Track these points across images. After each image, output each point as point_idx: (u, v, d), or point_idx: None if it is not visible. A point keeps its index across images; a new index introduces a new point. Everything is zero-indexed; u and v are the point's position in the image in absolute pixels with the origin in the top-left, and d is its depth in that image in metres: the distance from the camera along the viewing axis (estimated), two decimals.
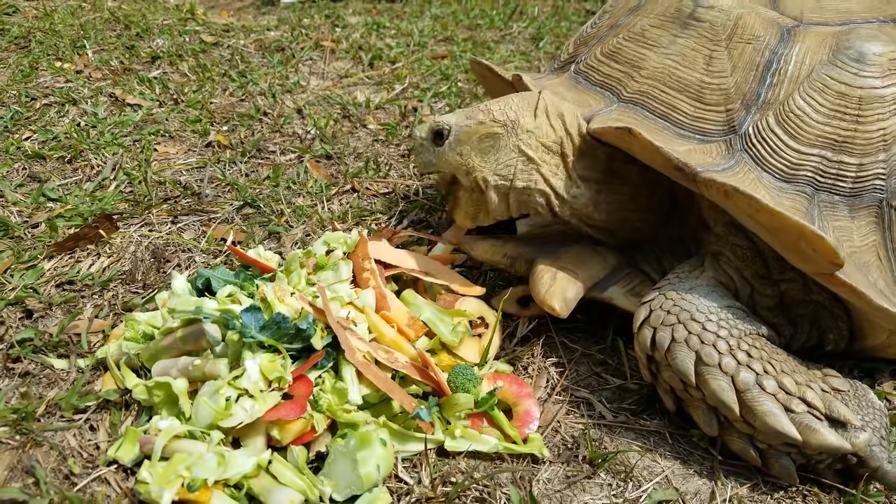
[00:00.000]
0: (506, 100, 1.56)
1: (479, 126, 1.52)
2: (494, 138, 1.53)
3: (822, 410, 1.25)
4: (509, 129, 1.53)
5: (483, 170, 1.55)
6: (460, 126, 1.53)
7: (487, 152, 1.54)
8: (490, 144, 1.53)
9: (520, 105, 1.55)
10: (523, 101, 1.56)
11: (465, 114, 1.55)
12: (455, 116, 1.56)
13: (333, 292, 1.52)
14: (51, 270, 1.79)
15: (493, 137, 1.53)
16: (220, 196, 2.18)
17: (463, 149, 1.54)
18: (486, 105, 1.56)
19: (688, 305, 1.34)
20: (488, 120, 1.52)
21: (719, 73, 1.49)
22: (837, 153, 1.40)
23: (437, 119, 1.56)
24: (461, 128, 1.53)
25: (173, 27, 3.67)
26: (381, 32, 4.01)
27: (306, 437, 1.27)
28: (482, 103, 1.59)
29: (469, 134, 1.52)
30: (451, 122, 1.54)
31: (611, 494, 1.28)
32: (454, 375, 1.40)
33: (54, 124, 2.56)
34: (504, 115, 1.53)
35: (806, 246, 1.26)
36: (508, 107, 1.54)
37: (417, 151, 1.62)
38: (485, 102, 1.59)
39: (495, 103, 1.55)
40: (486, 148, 1.53)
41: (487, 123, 1.52)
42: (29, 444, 1.28)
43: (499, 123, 1.52)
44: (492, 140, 1.53)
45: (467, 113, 1.55)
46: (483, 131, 1.52)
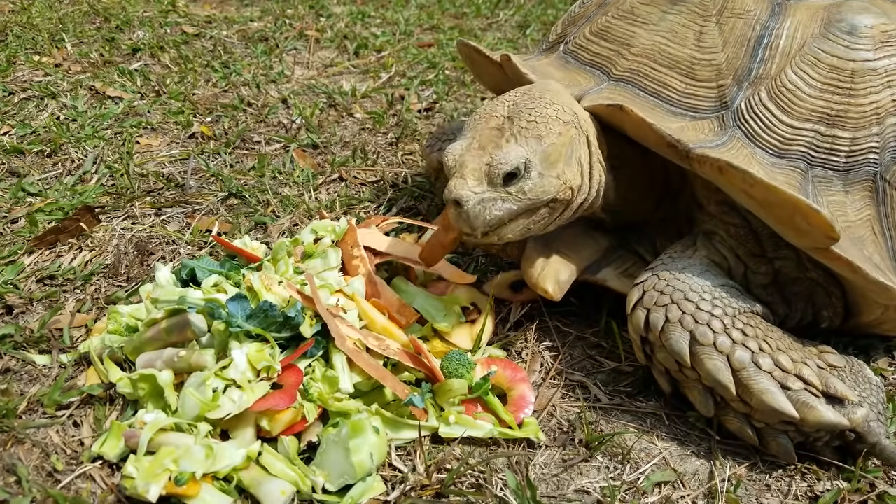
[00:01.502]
0: (542, 102, 1.37)
1: (559, 138, 1.34)
2: (572, 141, 1.38)
3: (819, 387, 1.23)
4: (576, 125, 1.39)
5: (574, 178, 1.39)
6: (545, 149, 1.33)
7: (571, 158, 1.38)
8: (571, 150, 1.38)
9: (560, 97, 1.40)
10: (559, 95, 1.41)
11: (532, 135, 1.33)
12: (514, 146, 1.31)
13: (322, 280, 1.49)
14: (31, 265, 1.74)
15: (572, 141, 1.38)
16: (205, 187, 2.14)
17: (558, 168, 1.35)
18: (539, 113, 1.35)
19: (681, 285, 1.32)
20: (563, 127, 1.36)
21: (710, 48, 1.47)
22: (831, 127, 1.38)
23: (498, 159, 1.29)
24: (547, 150, 1.33)
25: (154, 19, 3.61)
26: (367, 21, 3.96)
27: (297, 427, 1.24)
28: (521, 112, 1.36)
29: (558, 150, 1.34)
30: (522, 153, 1.30)
31: (608, 477, 1.27)
32: (447, 361, 1.37)
33: (33, 118, 2.50)
34: (566, 113, 1.37)
35: (801, 220, 1.25)
36: (556, 104, 1.38)
37: (482, 206, 1.29)
38: (523, 108, 1.37)
39: (543, 108, 1.36)
40: (569, 156, 1.37)
41: (564, 132, 1.36)
42: (10, 442, 1.24)
43: (570, 123, 1.38)
44: (571, 145, 1.38)
45: (532, 133, 1.33)
46: (566, 140, 1.36)
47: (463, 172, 1.30)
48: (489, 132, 1.35)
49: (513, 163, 1.28)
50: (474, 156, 1.32)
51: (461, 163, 1.32)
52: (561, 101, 1.40)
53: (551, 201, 1.37)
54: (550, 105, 1.37)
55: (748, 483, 1.28)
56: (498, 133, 1.34)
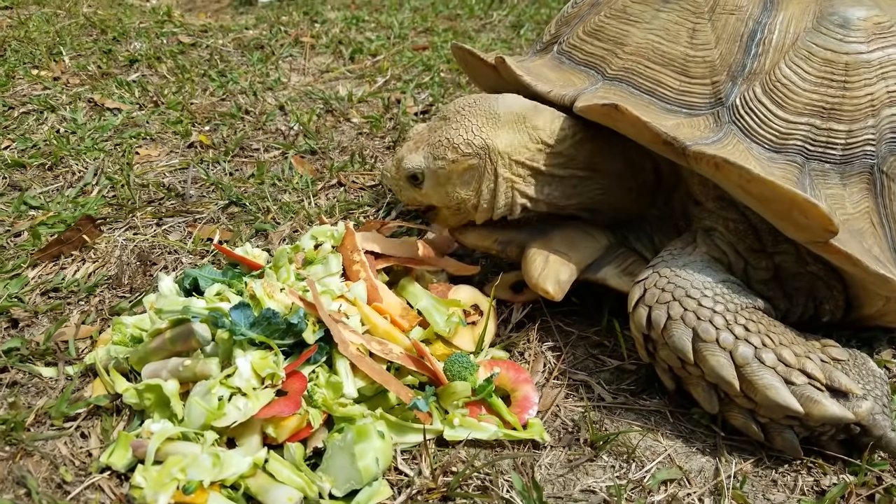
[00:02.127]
0: (464, 123, 1.50)
1: (453, 165, 1.49)
2: (472, 169, 1.50)
3: (823, 381, 1.23)
4: (483, 156, 1.49)
5: (470, 198, 1.53)
6: (434, 170, 1.51)
7: (470, 182, 1.52)
8: (470, 175, 1.51)
9: (483, 125, 1.50)
10: (486, 120, 1.50)
11: (432, 152, 1.51)
12: (422, 157, 1.52)
13: (324, 286, 1.49)
14: (35, 278, 1.75)
15: (472, 169, 1.50)
16: (205, 196, 2.15)
17: (447, 188, 1.52)
18: (446, 137, 1.49)
19: (682, 282, 1.32)
20: (459, 156, 1.49)
21: (703, 45, 1.47)
22: (826, 120, 1.38)
23: (405, 162, 1.53)
24: (436, 171, 1.51)
25: (150, 30, 3.62)
26: (361, 26, 3.97)
27: (302, 434, 1.24)
28: (440, 129, 1.52)
29: (448, 175, 1.50)
30: (421, 164, 1.52)
31: (614, 476, 1.27)
32: (450, 364, 1.38)
33: (33, 132, 2.51)
34: (471, 145, 1.48)
35: (799, 215, 1.25)
36: (471, 133, 1.49)
37: (397, 189, 1.60)
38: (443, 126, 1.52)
39: (455, 131, 1.49)
40: (467, 180, 1.51)
41: (460, 160, 1.49)
42: (19, 455, 1.25)
43: (471, 155, 1.49)
44: (471, 171, 1.50)
45: (433, 151, 1.50)
46: (460, 168, 1.50)
47: (396, 156, 1.59)
48: (431, 130, 1.56)
49: (409, 170, 1.53)
50: (407, 147, 1.57)
51: (401, 146, 1.60)
52: (479, 131, 1.49)
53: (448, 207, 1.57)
54: (464, 133, 1.50)
55: (754, 479, 1.28)
56: (425, 137, 1.55)
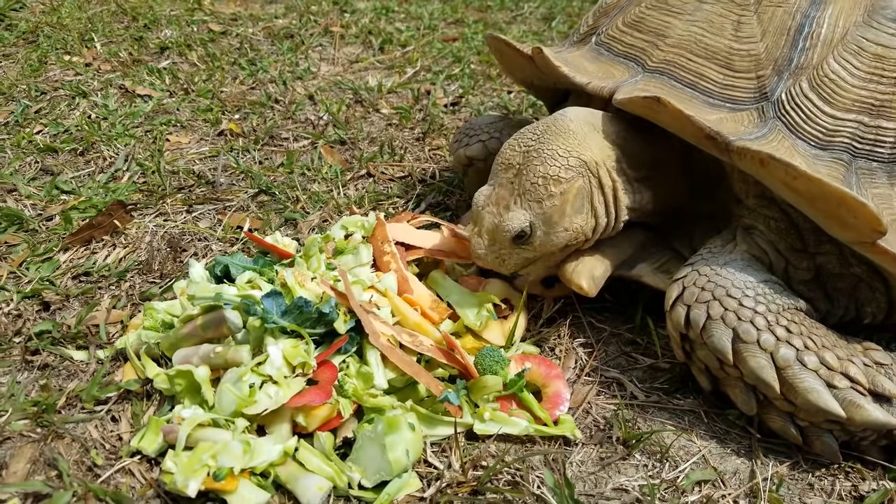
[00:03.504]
0: (549, 153, 1.39)
1: (563, 197, 1.37)
2: (581, 192, 1.40)
3: (866, 385, 1.20)
4: (585, 173, 1.40)
5: (586, 224, 1.42)
6: (546, 212, 1.38)
7: (582, 208, 1.41)
8: (581, 200, 1.40)
9: (567, 143, 1.40)
10: (566, 139, 1.41)
11: (534, 197, 1.38)
12: (521, 209, 1.38)
13: (354, 276, 1.48)
14: (66, 262, 1.76)
15: (580, 192, 1.39)
16: (235, 184, 2.15)
17: (563, 224, 1.39)
18: (541, 175, 1.38)
19: (723, 281, 1.29)
20: (565, 185, 1.37)
21: (749, 38, 1.43)
22: (875, 118, 1.34)
23: (505, 224, 1.38)
24: (548, 213, 1.38)
25: (181, 17, 3.63)
26: (391, 17, 3.95)
27: (333, 423, 1.23)
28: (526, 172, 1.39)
29: (561, 211, 1.38)
30: (526, 217, 1.38)
31: (647, 475, 1.25)
32: (481, 357, 1.36)
33: (65, 117, 2.53)
34: (570, 168, 1.38)
35: (846, 214, 1.21)
36: (562, 157, 1.38)
37: (498, 262, 1.44)
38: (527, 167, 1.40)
39: (547, 165, 1.38)
40: (579, 206, 1.40)
41: (567, 189, 1.37)
42: (50, 437, 1.26)
43: (575, 177, 1.38)
44: (580, 195, 1.40)
45: (534, 195, 1.38)
46: (571, 197, 1.38)
47: (480, 230, 1.45)
48: (505, 184, 1.43)
49: (516, 228, 1.39)
50: (490, 213, 1.43)
51: (480, 218, 1.45)
52: (569, 150, 1.40)
53: (566, 246, 1.44)
54: (555, 160, 1.39)
55: (790, 482, 1.25)
56: (510, 189, 1.42)
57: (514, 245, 1.42)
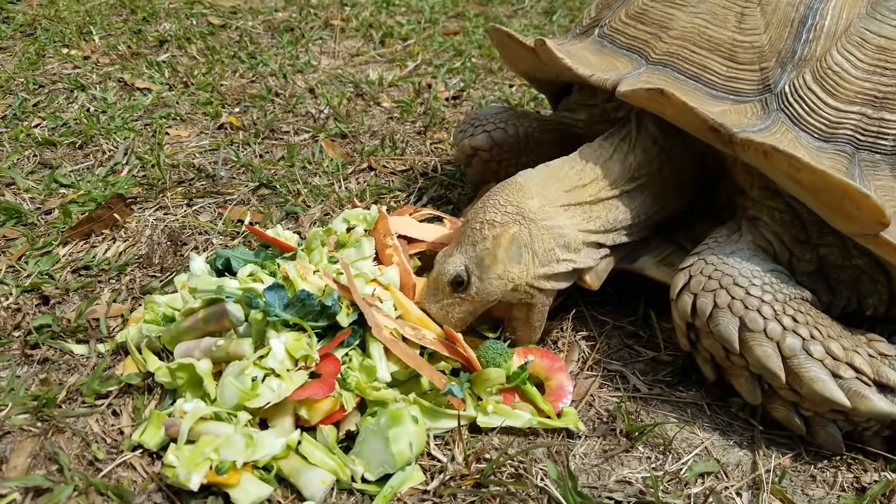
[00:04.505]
0: (490, 203, 1.40)
1: (495, 241, 1.36)
2: (517, 240, 1.37)
3: (871, 376, 1.20)
4: (521, 222, 1.38)
5: (528, 270, 1.38)
6: (479, 254, 1.36)
7: (519, 257, 1.37)
8: (517, 248, 1.37)
9: (509, 195, 1.40)
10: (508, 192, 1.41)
11: (469, 241, 1.38)
12: (458, 255, 1.38)
13: (357, 269, 1.48)
14: (66, 256, 1.76)
15: (515, 240, 1.37)
16: (235, 178, 2.14)
17: (497, 270, 1.36)
18: (478, 222, 1.39)
19: (730, 270, 1.29)
20: (498, 230, 1.37)
21: (752, 30, 1.43)
22: (878, 110, 1.33)
23: (446, 267, 1.38)
24: (480, 255, 1.36)
25: (180, 10, 3.62)
26: (392, 10, 3.94)
27: (335, 416, 1.23)
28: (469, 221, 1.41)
29: (492, 253, 1.35)
30: (461, 261, 1.38)
31: (650, 467, 1.24)
32: (484, 350, 1.36)
33: (63, 111, 2.52)
34: (505, 214, 1.38)
35: (850, 205, 1.21)
36: (500, 204, 1.39)
37: (445, 311, 1.40)
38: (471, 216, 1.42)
39: (485, 213, 1.39)
40: (515, 254, 1.37)
41: (500, 233, 1.36)
42: (51, 431, 1.25)
43: (509, 224, 1.37)
44: (517, 243, 1.37)
45: (470, 240, 1.38)
46: (504, 242, 1.36)
47: (430, 282, 1.45)
48: (457, 237, 1.45)
49: (451, 273, 1.38)
50: (437, 263, 1.44)
51: (433, 271, 1.45)
52: (508, 199, 1.40)
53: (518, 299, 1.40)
54: (491, 209, 1.39)
55: (793, 474, 1.25)
56: (457, 241, 1.43)
57: (454, 294, 1.39)
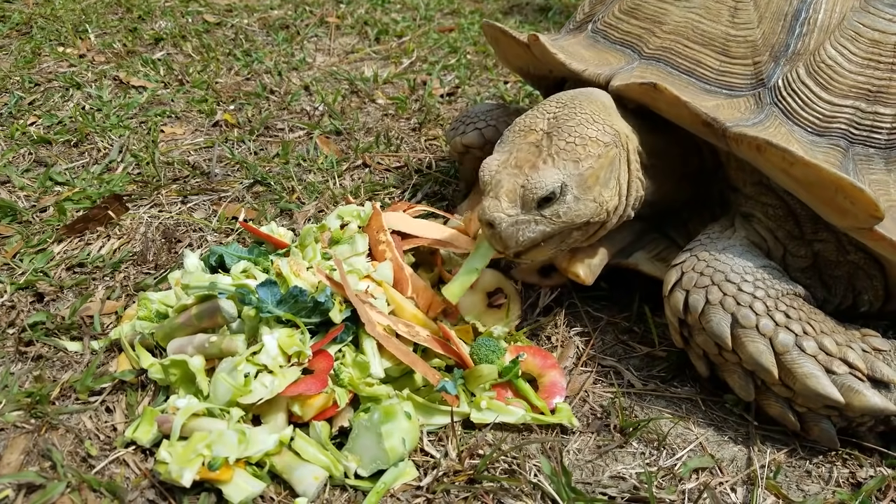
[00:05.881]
0: (584, 117, 1.33)
1: (599, 160, 1.30)
2: (612, 163, 1.33)
3: (864, 371, 1.20)
4: (619, 144, 1.35)
5: (610, 200, 1.34)
6: (581, 174, 1.27)
7: (609, 180, 1.34)
8: (610, 171, 1.33)
9: (601, 111, 1.36)
10: (598, 107, 1.36)
11: (570, 157, 1.28)
12: (554, 170, 1.26)
13: (350, 265, 1.47)
14: (60, 254, 1.75)
15: (612, 162, 1.33)
16: (230, 175, 2.14)
17: (594, 192, 1.30)
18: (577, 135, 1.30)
19: (722, 266, 1.28)
20: (602, 148, 1.31)
21: (745, 24, 1.42)
22: (872, 104, 1.33)
23: (533, 182, 1.25)
24: (584, 175, 1.28)
25: (175, 8, 3.61)
26: (387, 7, 3.93)
27: (328, 413, 1.23)
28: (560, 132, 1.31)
29: (596, 175, 1.29)
30: (558, 177, 1.25)
31: (644, 463, 1.24)
32: (477, 347, 1.36)
33: (59, 109, 2.51)
34: (607, 132, 1.33)
35: (843, 200, 1.21)
36: (599, 121, 1.33)
37: (515, 228, 1.26)
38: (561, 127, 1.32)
39: (583, 126, 1.31)
40: (607, 178, 1.33)
41: (604, 153, 1.31)
42: (44, 428, 1.25)
43: (612, 144, 1.33)
44: (610, 167, 1.33)
45: (571, 155, 1.28)
46: (607, 162, 1.31)
47: (497, 193, 1.26)
48: (527, 148, 1.31)
49: (548, 187, 1.24)
50: (510, 175, 1.27)
51: (496, 182, 1.28)
52: (602, 117, 1.35)
53: (585, 224, 1.34)
54: (591, 124, 1.33)
55: (788, 469, 1.25)
56: (535, 151, 1.30)
57: (537, 211, 1.27)
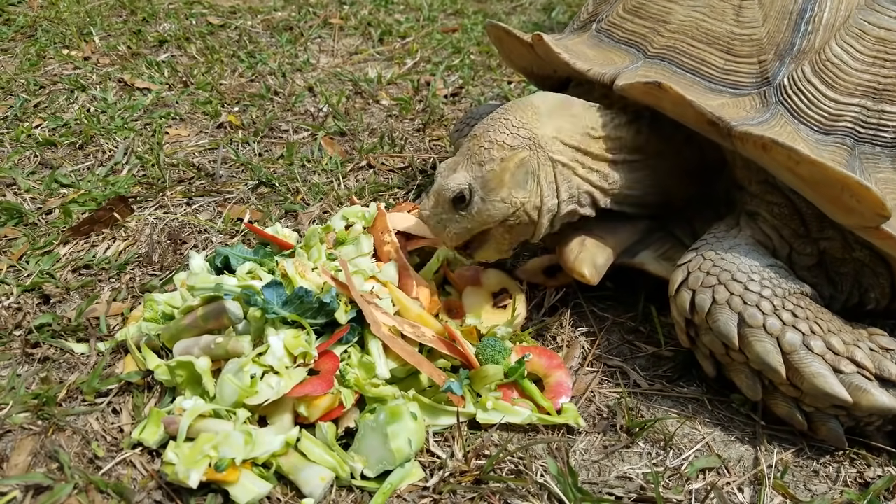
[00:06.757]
0: (503, 122, 1.39)
1: (503, 164, 1.35)
2: (525, 164, 1.36)
3: (872, 370, 1.19)
4: (533, 147, 1.38)
5: (530, 199, 1.38)
6: (483, 176, 1.35)
7: (525, 183, 1.37)
8: (524, 172, 1.37)
9: (524, 117, 1.40)
10: (525, 113, 1.40)
11: (476, 160, 1.37)
12: (464, 171, 1.37)
13: (355, 266, 1.47)
14: (66, 255, 1.76)
15: (524, 164, 1.36)
16: (235, 176, 2.14)
17: (501, 194, 1.36)
18: (487, 140, 1.38)
19: (728, 265, 1.28)
20: (507, 152, 1.36)
21: (750, 23, 1.42)
22: (878, 102, 1.33)
23: (447, 183, 1.37)
24: (486, 178, 1.35)
25: (179, 11, 3.61)
26: (390, 8, 3.93)
27: (334, 413, 1.23)
28: (477, 137, 1.40)
29: (500, 177, 1.35)
30: (466, 179, 1.36)
31: (651, 463, 1.24)
32: (483, 347, 1.36)
33: (64, 111, 2.52)
34: (517, 137, 1.37)
35: (850, 198, 1.20)
36: (513, 126, 1.38)
37: (439, 228, 1.41)
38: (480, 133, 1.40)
39: (496, 132, 1.38)
40: (521, 179, 1.37)
41: (509, 156, 1.36)
42: (51, 429, 1.25)
43: (520, 147, 1.37)
44: (523, 167, 1.36)
45: (477, 158, 1.37)
46: (512, 165, 1.35)
47: (430, 192, 1.43)
48: (462, 152, 1.43)
49: (454, 189, 1.36)
50: (440, 176, 1.42)
51: (435, 181, 1.43)
52: (521, 122, 1.39)
53: (506, 223, 1.40)
54: (504, 129, 1.39)
55: (795, 469, 1.24)
56: (461, 157, 1.42)
57: (454, 210, 1.38)
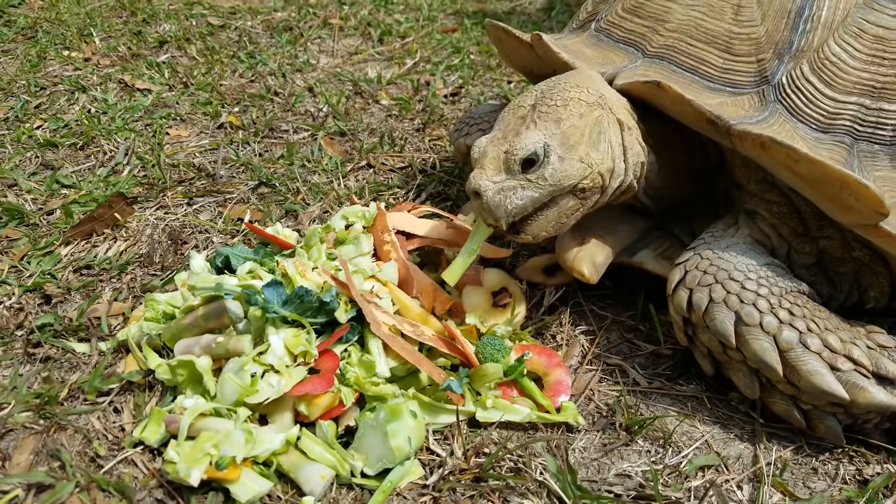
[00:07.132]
0: (571, 85, 1.36)
1: (580, 119, 1.31)
2: (597, 122, 1.33)
3: (869, 368, 1.19)
4: (604, 106, 1.35)
5: (604, 161, 1.33)
6: (564, 132, 1.29)
7: (599, 142, 1.33)
8: (597, 131, 1.33)
9: (587, 80, 1.38)
10: (587, 78, 1.39)
11: (551, 118, 1.31)
12: (537, 131, 1.29)
13: (355, 266, 1.48)
14: (68, 256, 1.76)
15: (597, 122, 1.33)
16: (235, 177, 2.15)
17: (579, 151, 1.30)
18: (560, 99, 1.33)
19: (725, 264, 1.29)
20: (584, 109, 1.32)
21: (749, 22, 1.42)
22: (876, 100, 1.33)
23: (517, 144, 1.28)
24: (566, 131, 1.29)
25: (179, 11, 3.62)
26: (390, 8, 3.94)
27: (335, 412, 1.23)
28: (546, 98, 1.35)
29: (580, 131, 1.30)
30: (540, 138, 1.28)
31: (650, 461, 1.24)
32: (482, 346, 1.36)
33: (65, 112, 2.53)
34: (591, 94, 1.35)
35: (848, 196, 1.21)
36: (583, 87, 1.35)
37: (503, 196, 1.27)
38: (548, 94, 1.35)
39: (568, 92, 1.34)
40: (596, 138, 1.32)
41: (586, 113, 1.32)
42: (53, 428, 1.26)
43: (595, 105, 1.34)
44: (596, 126, 1.33)
45: (553, 117, 1.31)
46: (591, 121, 1.32)
47: (483, 163, 1.30)
48: (514, 122, 1.35)
49: (529, 148, 1.26)
50: (495, 145, 1.31)
51: (483, 153, 1.33)
52: (586, 84, 1.37)
53: (578, 188, 1.32)
54: (573, 88, 1.36)
55: (794, 466, 1.25)
56: (521, 121, 1.34)
57: (522, 175, 1.27)
